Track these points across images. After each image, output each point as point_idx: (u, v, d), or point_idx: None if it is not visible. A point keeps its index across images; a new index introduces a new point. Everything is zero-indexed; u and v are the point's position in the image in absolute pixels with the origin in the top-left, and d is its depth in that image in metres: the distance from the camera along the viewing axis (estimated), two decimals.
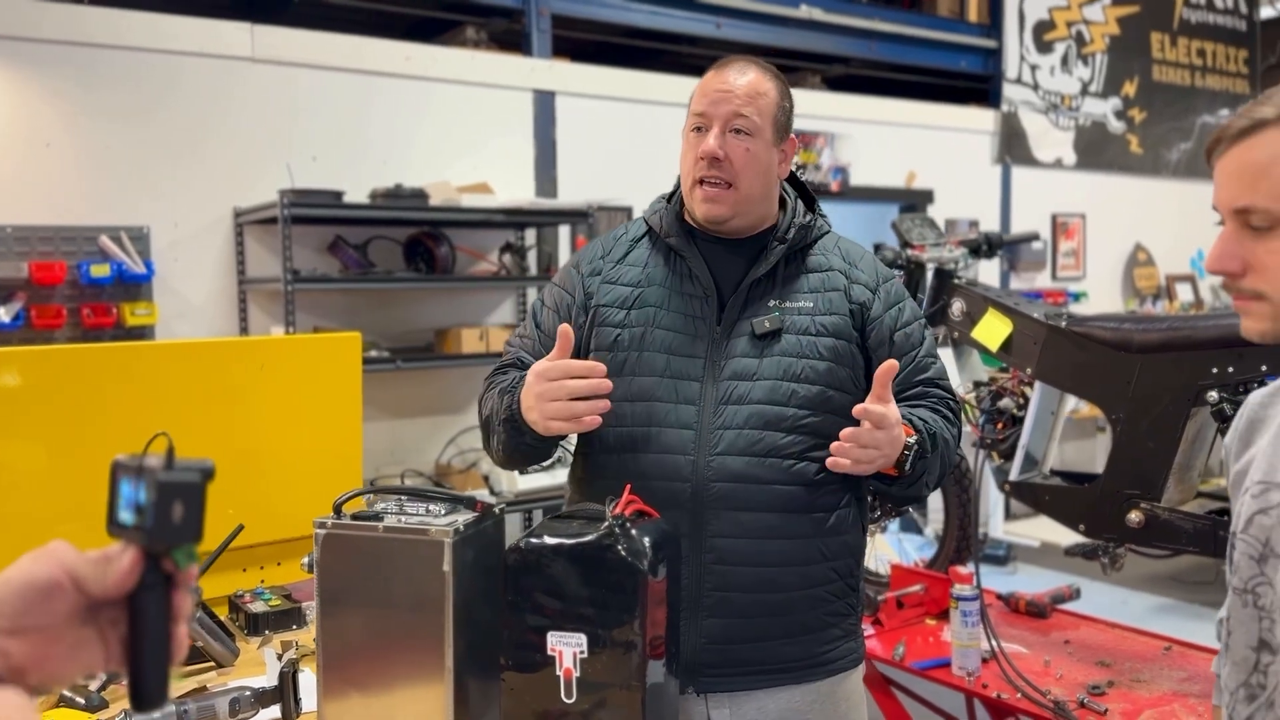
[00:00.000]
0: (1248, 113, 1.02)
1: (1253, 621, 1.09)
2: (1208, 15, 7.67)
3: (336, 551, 1.34)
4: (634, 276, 1.70)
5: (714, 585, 1.55)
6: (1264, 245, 1.01)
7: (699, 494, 1.55)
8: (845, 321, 1.63)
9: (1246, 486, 1.14)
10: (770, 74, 1.67)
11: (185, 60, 3.92)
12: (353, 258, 3.98)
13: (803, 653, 1.61)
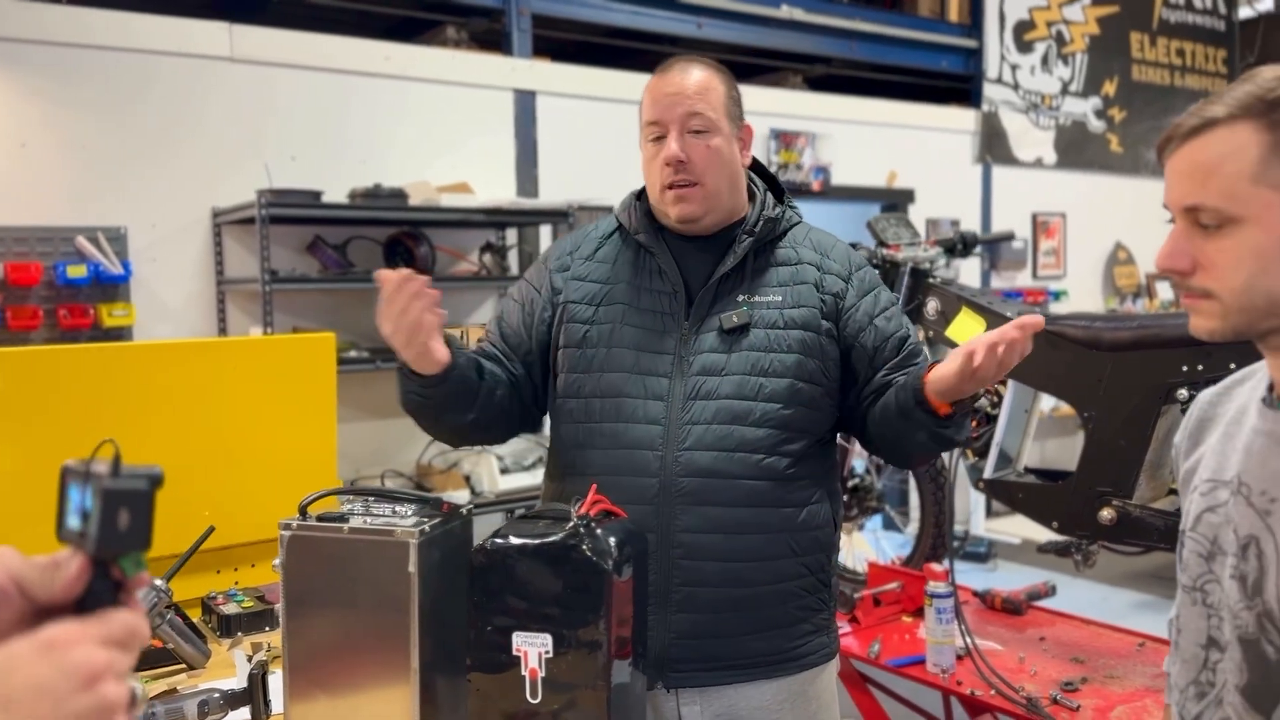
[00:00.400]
0: (1198, 111, 1.03)
1: (1201, 619, 1.10)
2: (1187, 15, 7.72)
3: (302, 553, 1.34)
4: (603, 273, 1.71)
5: (683, 580, 1.56)
6: (1213, 244, 1.02)
7: (667, 489, 1.56)
8: (815, 314, 1.63)
9: (1195, 485, 1.15)
10: (712, 67, 1.68)
11: (163, 60, 3.91)
12: (332, 258, 3.97)
13: (773, 648, 1.61)
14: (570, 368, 1.68)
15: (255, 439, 2.24)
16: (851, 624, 2.79)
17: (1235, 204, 1.00)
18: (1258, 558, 1.03)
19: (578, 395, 1.65)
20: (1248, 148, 0.99)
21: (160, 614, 1.78)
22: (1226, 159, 1.00)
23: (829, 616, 1.72)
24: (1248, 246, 1.00)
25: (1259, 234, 1.00)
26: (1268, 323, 1.03)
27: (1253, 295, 1.01)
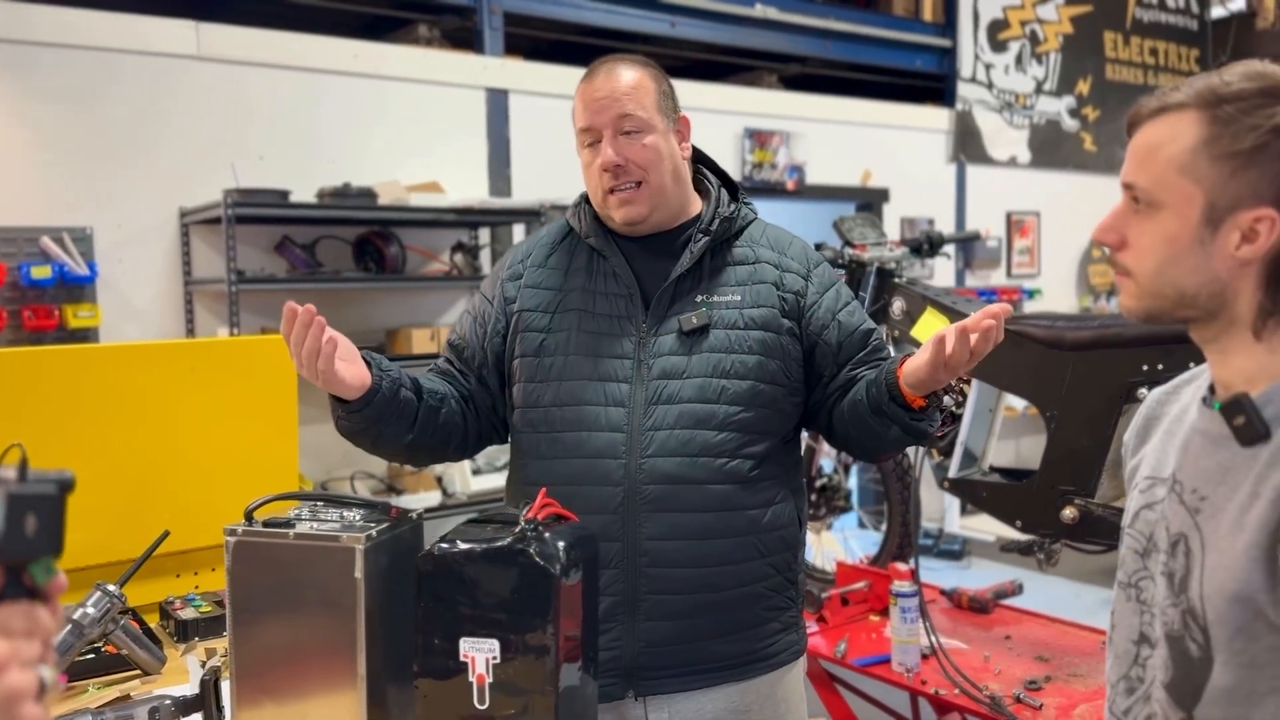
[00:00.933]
0: (1163, 93, 1.04)
1: (1134, 615, 1.10)
2: (1160, 15, 7.77)
3: (248, 559, 1.32)
4: (556, 280, 1.69)
5: (650, 589, 1.54)
6: (1138, 225, 1.05)
7: (631, 497, 1.54)
8: (774, 313, 1.62)
9: (1136, 482, 1.16)
10: (639, 64, 1.66)
11: (129, 58, 3.87)
12: (300, 258, 3.94)
13: (742, 650, 1.60)
14: (528, 377, 1.65)
15: (216, 441, 2.22)
16: (819, 623, 2.79)
17: (1160, 189, 1.02)
18: (1185, 555, 1.04)
19: (537, 405, 1.63)
20: (1184, 136, 1.01)
21: (113, 619, 1.76)
22: (1165, 144, 1.02)
23: (796, 614, 1.71)
24: (1163, 234, 1.02)
25: (1175, 223, 1.01)
26: (1182, 313, 1.04)
27: (1162, 283, 1.03)
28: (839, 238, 2.82)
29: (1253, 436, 1.00)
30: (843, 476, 2.97)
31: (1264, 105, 0.97)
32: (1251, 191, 0.97)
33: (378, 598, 1.30)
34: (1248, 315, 1.01)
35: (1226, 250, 0.99)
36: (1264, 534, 0.95)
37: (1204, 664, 1.00)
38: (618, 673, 1.55)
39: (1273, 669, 0.95)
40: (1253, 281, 1.00)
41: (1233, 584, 0.97)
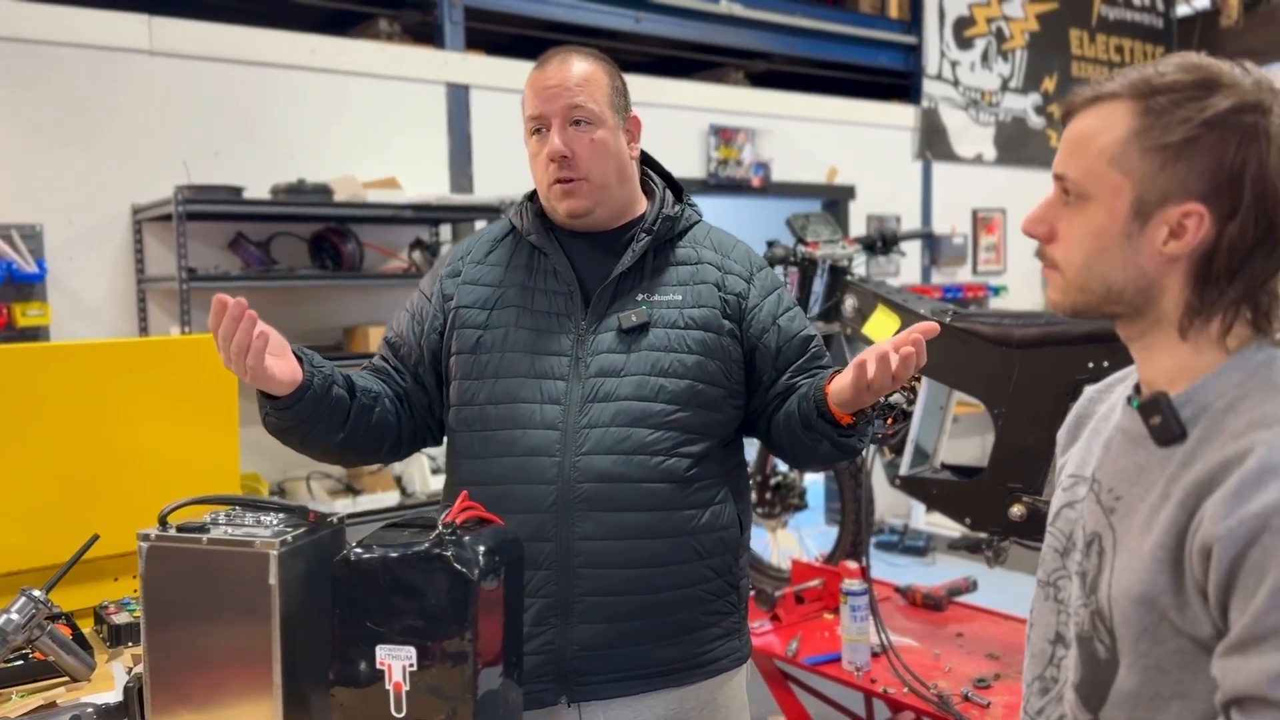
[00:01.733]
0: (1097, 84, 1.02)
1: (1052, 614, 1.09)
2: (1125, 12, 7.81)
3: (161, 565, 1.29)
4: (495, 276, 1.67)
5: (584, 590, 1.52)
6: (1067, 216, 1.02)
7: (565, 496, 1.52)
8: (715, 314, 1.60)
9: (1061, 480, 1.15)
10: (593, 57, 1.64)
11: (79, 52, 3.80)
12: (254, 255, 3.89)
13: (681, 655, 1.58)
14: (464, 374, 1.63)
15: (155, 443, 2.18)
16: (773, 622, 2.79)
17: (1090, 181, 1.00)
18: (1098, 555, 1.03)
19: (472, 403, 1.61)
20: (1116, 127, 0.98)
21: (39, 625, 1.72)
22: (1097, 134, 1.00)
23: (739, 619, 1.68)
24: (1092, 226, 1.00)
25: (1102, 216, 0.99)
26: (1109, 308, 1.03)
27: (1089, 277, 1.01)
28: (792, 235, 2.81)
29: (1169, 437, 0.99)
30: (797, 475, 2.96)
31: (1197, 97, 0.95)
32: (1180, 186, 0.95)
33: (294, 604, 1.27)
34: (1174, 313, 0.99)
35: (1154, 245, 0.97)
36: (1171, 536, 0.94)
37: (1110, 666, 0.99)
38: (550, 677, 1.52)
39: (1177, 673, 0.94)
40: (1180, 279, 0.98)
41: (1138, 586, 0.96)
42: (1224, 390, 0.97)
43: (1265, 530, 0.86)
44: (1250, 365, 0.98)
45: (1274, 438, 0.90)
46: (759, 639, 2.72)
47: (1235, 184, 0.94)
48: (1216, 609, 0.90)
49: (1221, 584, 0.89)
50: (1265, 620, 0.85)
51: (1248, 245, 0.95)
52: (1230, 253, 0.95)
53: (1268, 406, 0.93)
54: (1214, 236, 0.95)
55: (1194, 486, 0.93)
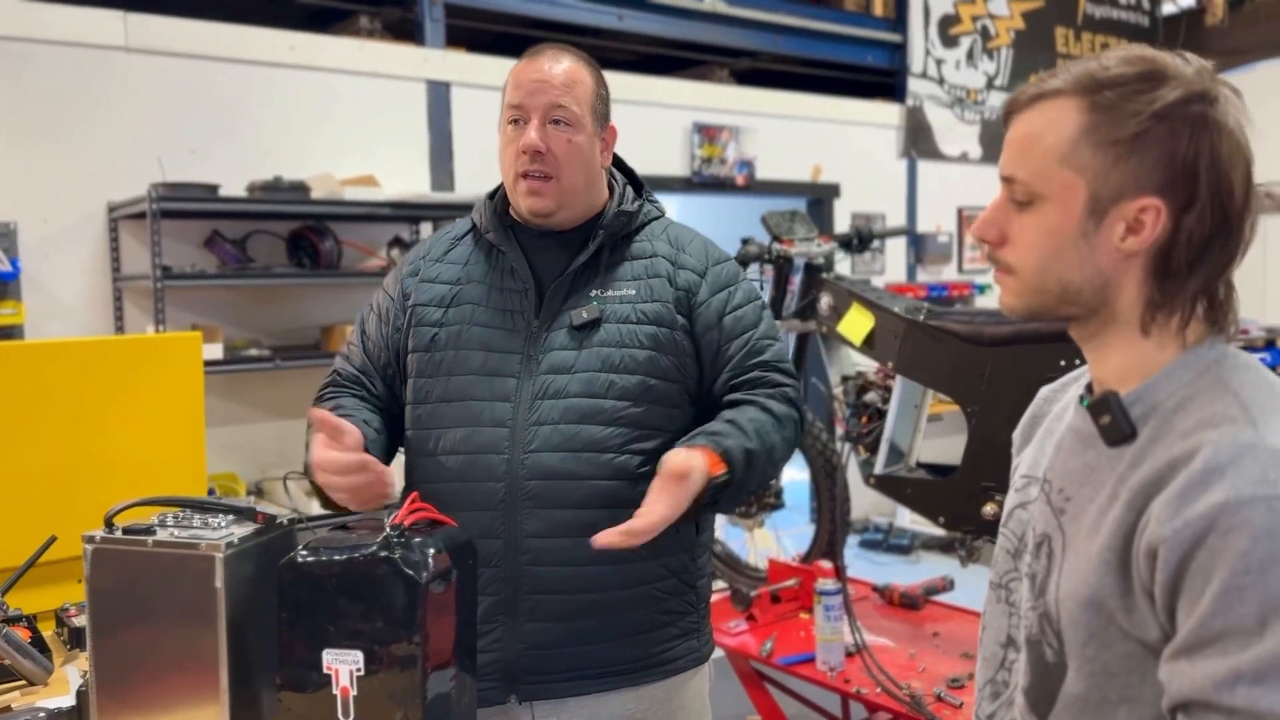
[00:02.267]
0: (1041, 80, 1.00)
1: (1003, 617, 1.07)
2: (1111, 10, 7.82)
3: (107, 568, 1.27)
4: (453, 274, 1.66)
5: (531, 588, 1.50)
6: (1020, 219, 1.00)
7: (513, 493, 1.50)
8: (668, 308, 1.58)
9: (1014, 480, 1.13)
10: (585, 61, 1.62)
11: (55, 49, 3.77)
12: (230, 253, 3.86)
13: (635, 655, 1.55)
14: (419, 372, 1.62)
15: (119, 444, 2.15)
16: (749, 621, 2.77)
17: (1041, 181, 0.98)
18: (1048, 557, 1.01)
19: (425, 400, 1.60)
20: (1064, 125, 0.96)
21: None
22: (1045, 133, 0.97)
23: (698, 620, 1.66)
24: (1046, 227, 0.98)
25: (1057, 216, 0.97)
26: (1065, 309, 1.00)
27: (1045, 278, 0.99)
28: (767, 233, 2.79)
29: (1118, 436, 0.97)
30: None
31: (1144, 90, 0.94)
32: (1135, 180, 0.94)
33: (241, 608, 1.25)
34: (1129, 311, 0.98)
35: (1111, 242, 0.96)
36: (1118, 538, 0.92)
37: (1058, 670, 0.98)
38: (498, 675, 1.51)
39: (1125, 677, 0.92)
40: (1137, 275, 0.96)
41: (1085, 588, 0.94)
42: (1174, 389, 0.96)
43: (1211, 531, 0.84)
44: (1201, 363, 0.96)
45: (1221, 437, 0.88)
46: (734, 639, 2.70)
47: (1190, 175, 0.93)
48: (1164, 612, 0.88)
49: (1168, 586, 0.87)
50: (1211, 624, 0.83)
51: (1206, 236, 0.94)
52: (1189, 245, 0.94)
53: (1217, 406, 0.92)
54: (1171, 230, 0.94)
55: (1141, 487, 0.92)
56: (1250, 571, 0.82)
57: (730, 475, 1.42)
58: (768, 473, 1.55)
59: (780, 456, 1.56)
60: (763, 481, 1.56)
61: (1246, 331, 6.62)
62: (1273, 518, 0.83)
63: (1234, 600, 0.82)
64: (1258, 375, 0.95)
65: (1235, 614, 0.82)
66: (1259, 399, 0.92)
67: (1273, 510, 0.83)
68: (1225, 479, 0.85)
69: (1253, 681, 0.80)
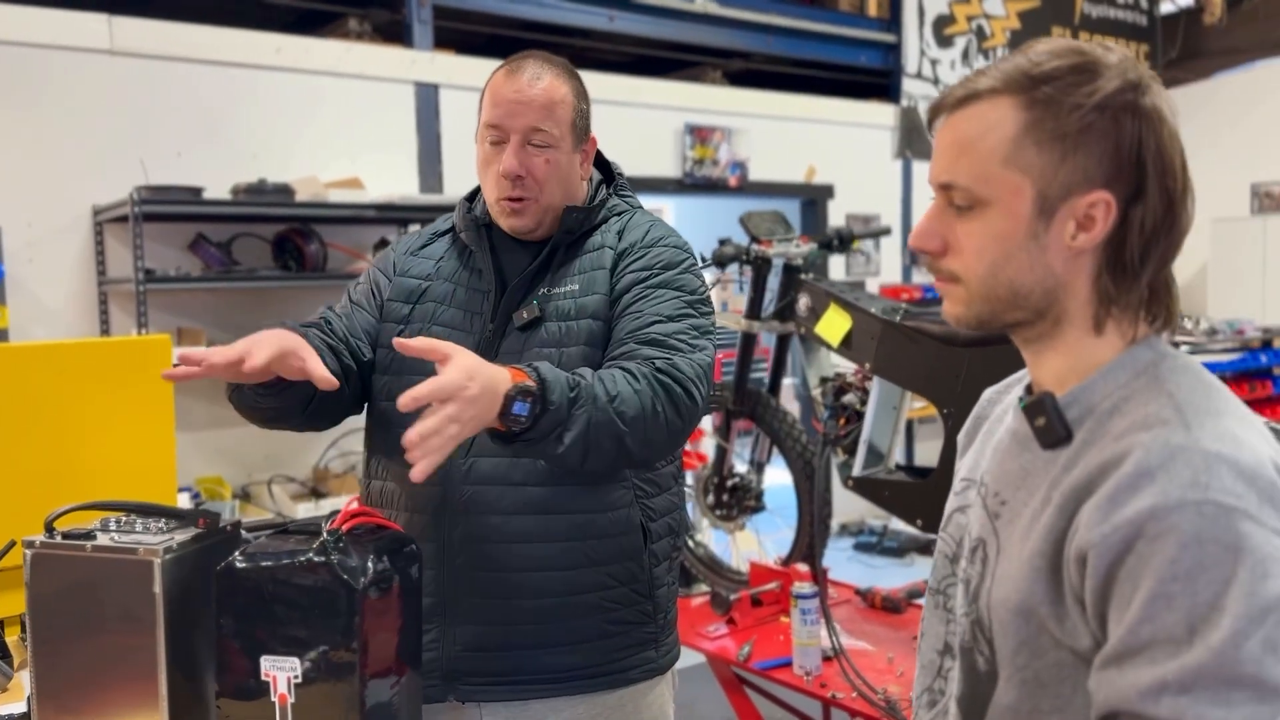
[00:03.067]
0: (968, 81, 0.97)
1: (941, 624, 1.05)
2: (1109, 10, 7.78)
3: (47, 572, 1.25)
4: (425, 270, 1.65)
5: (466, 591, 1.49)
6: (962, 225, 0.96)
7: (450, 497, 1.49)
8: (604, 300, 1.53)
9: (955, 484, 1.11)
10: (565, 74, 1.60)
11: (38, 53, 3.76)
12: (214, 256, 3.85)
13: (583, 662, 1.52)
14: (382, 369, 1.61)
15: (87, 446, 2.14)
16: (729, 625, 2.75)
17: (983, 185, 0.94)
18: (982, 562, 0.99)
19: (386, 399, 1.59)
20: (1003, 125, 0.93)
21: None
22: (982, 136, 0.94)
23: (656, 630, 1.61)
24: (992, 231, 0.94)
25: (1004, 219, 0.94)
26: (1013, 314, 0.97)
27: (995, 284, 0.95)
28: (745, 234, 2.77)
29: (1053, 439, 0.94)
30: (755, 476, 2.92)
31: (1082, 82, 0.91)
32: (1083, 176, 0.91)
33: (181, 613, 1.24)
34: (1079, 310, 0.95)
35: (1062, 241, 0.93)
36: (1049, 543, 0.90)
37: (989, 679, 0.95)
38: (438, 675, 1.49)
39: (1056, 687, 0.90)
40: (1088, 272, 0.94)
41: (1016, 595, 0.91)
42: (1110, 391, 0.93)
43: (1139, 537, 0.82)
44: (1139, 364, 0.94)
45: (1152, 440, 0.86)
46: (714, 643, 2.68)
47: (1136, 165, 0.91)
48: (1095, 619, 0.86)
49: (1098, 593, 0.85)
50: (1139, 632, 0.81)
51: (1153, 226, 0.92)
52: (1140, 236, 0.91)
53: (1151, 407, 0.89)
54: (1121, 222, 0.92)
55: (1073, 491, 0.89)
56: (1178, 579, 0.80)
57: (542, 390, 1.26)
58: (615, 423, 1.33)
59: (632, 409, 1.35)
60: (610, 431, 1.33)
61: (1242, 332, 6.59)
62: (1202, 523, 0.80)
63: (1162, 608, 0.80)
64: (1195, 377, 0.93)
65: (1163, 622, 0.80)
66: (1194, 400, 0.89)
67: (1202, 515, 0.81)
68: (1155, 483, 0.83)
69: (1178, 691, 0.78)
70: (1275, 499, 0.83)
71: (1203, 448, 0.84)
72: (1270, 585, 0.79)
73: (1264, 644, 0.78)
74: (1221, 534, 0.80)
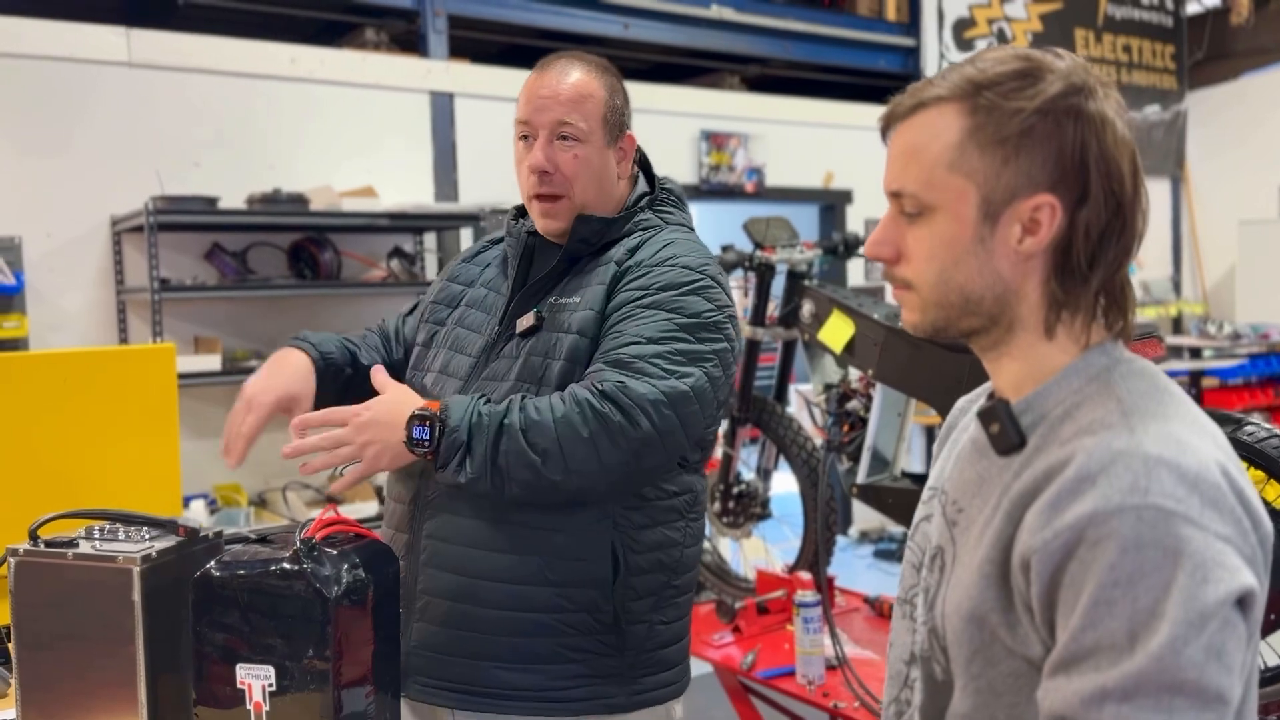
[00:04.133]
0: (918, 89, 0.97)
1: (908, 634, 1.04)
2: (1133, 11, 7.70)
3: (30, 580, 1.27)
4: (471, 276, 1.71)
5: (423, 588, 1.50)
6: (913, 232, 0.96)
7: (424, 492, 1.52)
8: (594, 317, 1.50)
9: (924, 492, 1.10)
10: (597, 71, 1.59)
11: (58, 65, 3.82)
12: (230, 265, 3.89)
13: (532, 684, 1.46)
14: (413, 365, 1.70)
15: (92, 457, 2.16)
16: (734, 633, 2.74)
17: (930, 191, 0.94)
18: (939, 570, 0.98)
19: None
20: (948, 131, 0.93)
21: None
22: (928, 143, 0.94)
23: (620, 666, 1.50)
24: (941, 237, 0.94)
25: (950, 224, 0.94)
26: (968, 321, 0.96)
27: (946, 290, 0.95)
28: (749, 240, 2.76)
29: (1007, 445, 0.94)
30: (760, 483, 2.90)
31: (1024, 87, 0.91)
32: (1026, 179, 0.91)
33: (161, 621, 1.25)
34: (1031, 315, 0.95)
35: (1008, 245, 0.93)
36: (997, 549, 0.89)
37: (946, 688, 0.94)
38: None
39: (1011, 696, 0.89)
40: (1037, 277, 0.93)
41: (968, 602, 0.91)
42: (1063, 397, 0.92)
43: (1081, 542, 0.81)
44: (1092, 370, 0.93)
45: (1096, 445, 0.85)
46: (719, 651, 2.67)
47: (1080, 168, 0.90)
48: (1044, 626, 0.85)
49: (1044, 599, 0.84)
50: (1082, 638, 0.80)
51: (1100, 231, 0.91)
52: (1087, 240, 0.91)
53: (1098, 412, 0.89)
54: (1067, 226, 0.91)
55: (1019, 496, 0.89)
56: (1119, 584, 0.79)
57: (444, 416, 1.38)
58: (525, 452, 1.36)
59: (548, 438, 1.36)
60: (523, 460, 1.36)
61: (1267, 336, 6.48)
62: (1142, 528, 0.79)
63: (1104, 614, 0.79)
64: (1148, 382, 0.92)
65: (1105, 628, 0.79)
66: (1142, 405, 0.88)
67: (1142, 520, 0.80)
68: (1096, 487, 0.82)
69: (1120, 699, 0.77)
70: (1220, 503, 0.82)
71: (1144, 451, 0.83)
72: (1210, 590, 0.78)
73: (1206, 650, 0.77)
74: (1161, 538, 0.79)
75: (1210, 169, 7.79)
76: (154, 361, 2.27)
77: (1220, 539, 0.80)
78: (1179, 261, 8.00)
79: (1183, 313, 7.74)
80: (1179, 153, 7.86)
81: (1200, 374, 6.33)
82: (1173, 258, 7.97)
